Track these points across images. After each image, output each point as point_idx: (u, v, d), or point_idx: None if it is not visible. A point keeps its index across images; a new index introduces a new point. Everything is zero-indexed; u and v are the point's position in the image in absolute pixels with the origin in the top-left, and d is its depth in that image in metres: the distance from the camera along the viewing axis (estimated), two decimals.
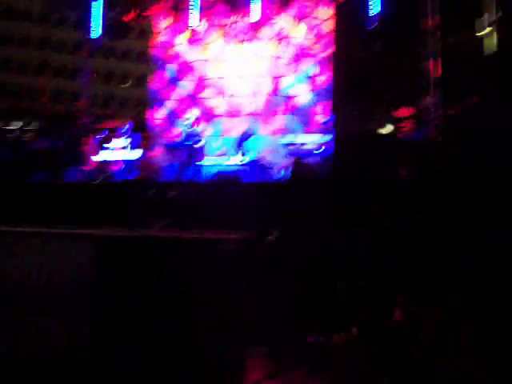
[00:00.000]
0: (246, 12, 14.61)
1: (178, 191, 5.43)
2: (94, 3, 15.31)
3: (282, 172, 12.66)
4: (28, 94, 39.23)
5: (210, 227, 4.67)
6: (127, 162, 12.93)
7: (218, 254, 3.68)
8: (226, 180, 9.75)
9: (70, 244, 3.91)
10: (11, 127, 16.42)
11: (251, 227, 4.40)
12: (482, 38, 13.05)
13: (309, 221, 4.70)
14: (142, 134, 14.13)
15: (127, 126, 13.50)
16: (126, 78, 49.27)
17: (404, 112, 11.69)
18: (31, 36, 42.03)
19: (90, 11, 15.39)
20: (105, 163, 13.08)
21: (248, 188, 8.02)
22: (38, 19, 39.94)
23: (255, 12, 14.30)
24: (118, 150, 13.15)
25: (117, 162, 13.03)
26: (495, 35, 12.70)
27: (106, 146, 13.26)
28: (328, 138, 12.08)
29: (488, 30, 12.82)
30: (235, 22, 15.00)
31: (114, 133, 13.86)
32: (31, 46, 42.75)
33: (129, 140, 13.28)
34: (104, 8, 15.41)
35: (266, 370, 3.07)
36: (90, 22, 15.39)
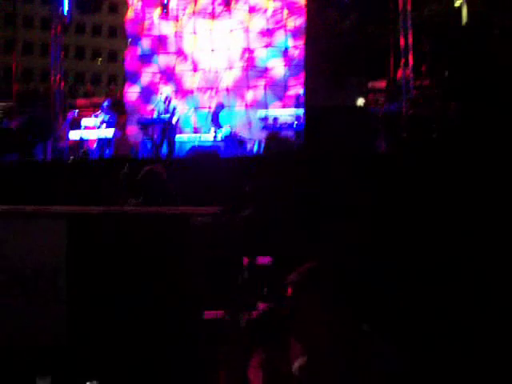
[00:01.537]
0: None
1: (150, 168, 5.44)
2: None
3: (257, 146, 12.72)
4: None
5: (186, 203, 4.74)
6: (102, 140, 12.85)
7: (193, 227, 3.75)
8: (201, 155, 9.79)
9: (45, 222, 3.93)
10: None
11: (227, 201, 4.46)
12: (452, 11, 13.16)
13: (279, 197, 4.76)
14: (116, 112, 14.03)
15: (106, 103, 13.38)
16: (99, 53, 48.57)
17: (376, 85, 11.78)
18: None
19: None
20: (79, 141, 12.99)
21: (223, 163, 8.08)
22: None
23: None
24: (93, 128, 13.06)
25: (91, 140, 12.95)
26: (465, 8, 12.82)
27: (80, 124, 13.15)
28: (301, 111, 12.14)
29: (459, 2, 12.94)
30: None
31: (89, 110, 13.75)
32: None
33: (103, 117, 13.18)
34: None
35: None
36: None
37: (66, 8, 14.99)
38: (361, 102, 11.66)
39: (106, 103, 13.47)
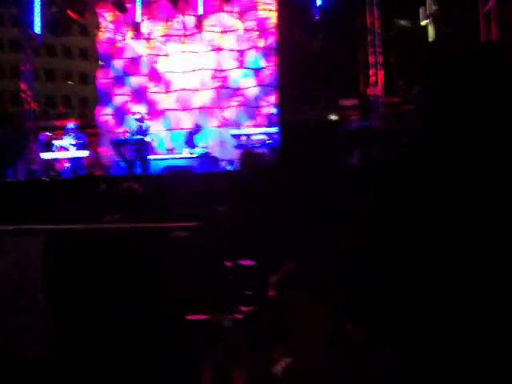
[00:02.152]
0: (190, 6, 14.66)
1: (126, 186, 5.47)
2: None
3: (230, 165, 12.80)
4: None
5: (161, 219, 4.77)
6: (75, 160, 12.81)
7: (171, 241, 3.79)
8: (175, 173, 9.82)
9: (23, 239, 3.94)
10: None
11: (201, 217, 4.51)
12: (420, 29, 13.47)
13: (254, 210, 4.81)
14: (88, 132, 14.00)
15: (72, 125, 13.34)
16: (70, 75, 48.42)
17: (347, 103, 11.98)
18: None
19: (31, 7, 15.08)
20: (52, 162, 12.92)
21: (198, 179, 8.13)
22: None
23: (199, 6, 14.37)
24: (65, 149, 13.00)
25: (64, 160, 12.89)
26: (432, 26, 13.14)
27: (52, 144, 13.08)
28: (275, 129, 12.27)
29: (425, 22, 13.26)
30: (179, 16, 15.01)
31: (60, 131, 13.69)
32: None
33: (75, 139, 13.14)
34: (44, 4, 15.13)
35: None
36: (31, 17, 15.08)
37: (37, 30, 14.98)
38: (332, 117, 11.85)
39: (71, 125, 13.40)
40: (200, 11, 14.44)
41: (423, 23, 13.74)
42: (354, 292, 2.58)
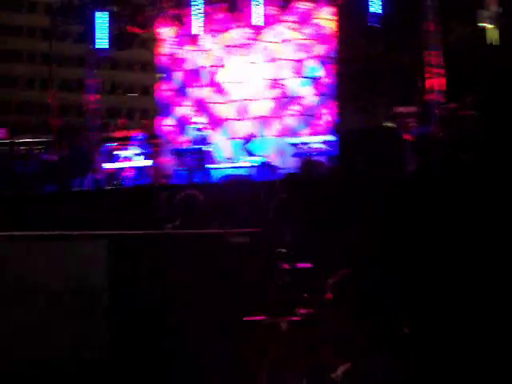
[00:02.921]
0: (248, 17, 14.83)
1: (187, 194, 5.61)
2: (98, 15, 15.52)
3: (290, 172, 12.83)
4: (36, 108, 39.63)
5: (221, 225, 4.88)
6: (138, 170, 13.17)
7: (231, 248, 3.89)
8: (235, 181, 9.95)
9: (88, 243, 4.09)
10: (22, 140, 16.71)
11: (260, 223, 4.60)
12: (483, 34, 13.20)
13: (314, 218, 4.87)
14: (151, 142, 14.36)
15: (140, 137, 13.75)
16: (133, 88, 49.62)
17: (406, 110, 11.86)
18: (36, 51, 42.52)
19: (95, 23, 15.60)
20: (116, 171, 13.31)
21: (257, 187, 8.22)
22: (42, 34, 40.39)
23: (257, 16, 14.50)
24: (129, 159, 13.39)
25: (128, 169, 13.26)
26: (496, 30, 12.87)
27: (116, 155, 13.49)
28: (333, 137, 12.25)
29: (485, 25, 12.99)
30: (237, 27, 15.22)
31: (124, 142, 14.10)
32: (36, 60, 43.26)
33: (139, 149, 13.53)
34: (109, 19, 15.63)
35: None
36: (94, 33, 15.61)
37: (102, 45, 15.48)
38: (390, 124, 11.75)
39: (140, 137, 13.83)
40: (259, 20, 14.57)
41: (483, 26, 13.47)
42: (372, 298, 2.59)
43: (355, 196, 5.02)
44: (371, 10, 13.14)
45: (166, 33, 15.95)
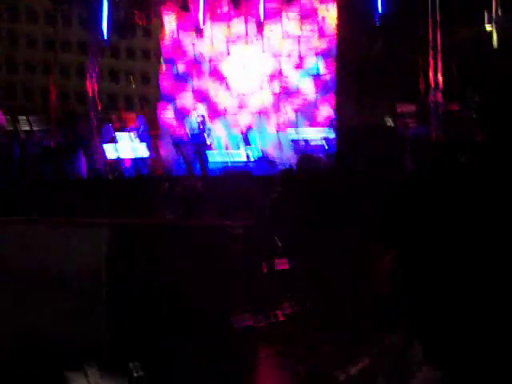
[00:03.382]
0: (252, 10, 14.89)
1: (187, 185, 5.71)
2: (102, 1, 15.45)
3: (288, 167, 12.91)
4: (37, 93, 39.53)
5: (221, 216, 4.98)
6: (137, 160, 13.23)
7: (227, 238, 3.98)
8: (233, 174, 10.03)
9: (88, 230, 4.15)
10: (22, 127, 16.71)
11: (258, 215, 4.69)
12: (485, 36, 13.26)
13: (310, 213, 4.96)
14: (151, 132, 14.41)
15: (142, 127, 13.78)
16: (132, 76, 49.49)
17: (405, 109, 11.93)
18: (37, 36, 42.38)
19: (98, 10, 15.59)
20: (116, 160, 13.37)
21: (255, 181, 8.31)
22: (44, 19, 40.26)
23: (260, 10, 14.58)
24: (129, 148, 13.44)
25: (127, 159, 13.32)
26: (497, 32, 12.93)
27: (116, 143, 13.54)
28: (332, 133, 12.34)
29: (490, 27, 13.05)
30: (241, 20, 15.26)
31: (125, 131, 14.14)
32: (38, 45, 43.11)
33: (138, 138, 13.58)
34: (111, 7, 15.60)
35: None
36: (97, 21, 15.59)
37: (104, 32, 15.48)
38: (389, 123, 11.83)
39: (140, 127, 13.85)
40: (261, 15, 14.66)
41: (488, 29, 13.53)
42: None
43: (351, 193, 5.12)
44: (374, 7, 13.22)
45: (170, 21, 15.95)
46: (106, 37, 15.81)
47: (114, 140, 13.50)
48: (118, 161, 13.34)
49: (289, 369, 2.84)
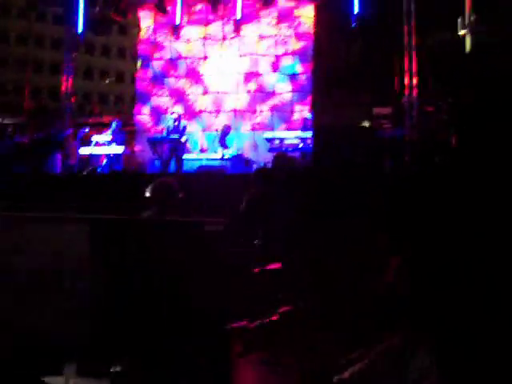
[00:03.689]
0: (229, 11, 14.91)
1: (162, 182, 5.67)
2: None
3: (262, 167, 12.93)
4: (10, 89, 39.01)
5: (196, 214, 4.95)
6: (111, 157, 13.12)
7: (204, 234, 3.95)
8: (208, 172, 10.01)
9: (68, 227, 4.10)
10: None
11: (234, 213, 4.67)
12: (458, 39, 13.43)
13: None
14: (126, 130, 14.32)
15: (115, 123, 13.67)
16: (108, 73, 49.16)
17: (381, 110, 12.04)
18: (10, 31, 41.86)
19: (74, 6, 15.45)
20: (89, 157, 13.26)
21: (230, 179, 8.31)
22: (18, 14, 39.77)
23: (237, 11, 14.61)
24: (102, 145, 13.34)
25: (101, 156, 13.21)
26: (470, 37, 13.10)
27: (90, 140, 13.43)
28: (307, 133, 12.39)
29: (463, 31, 13.22)
30: (218, 20, 15.25)
31: (99, 128, 14.03)
32: (11, 41, 42.56)
33: (113, 135, 13.47)
34: (87, 3, 15.48)
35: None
36: (72, 17, 15.46)
37: (80, 29, 15.35)
38: (365, 124, 11.94)
39: (115, 123, 13.75)
40: (238, 16, 14.68)
41: (461, 33, 13.71)
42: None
43: (327, 194, 5.13)
44: (350, 9, 13.32)
45: (147, 20, 15.89)
46: (80, 33, 15.66)
47: (87, 136, 13.40)
48: (92, 157, 13.23)
49: (288, 369, 2.82)
